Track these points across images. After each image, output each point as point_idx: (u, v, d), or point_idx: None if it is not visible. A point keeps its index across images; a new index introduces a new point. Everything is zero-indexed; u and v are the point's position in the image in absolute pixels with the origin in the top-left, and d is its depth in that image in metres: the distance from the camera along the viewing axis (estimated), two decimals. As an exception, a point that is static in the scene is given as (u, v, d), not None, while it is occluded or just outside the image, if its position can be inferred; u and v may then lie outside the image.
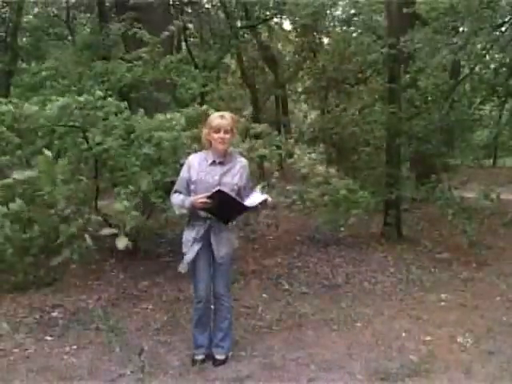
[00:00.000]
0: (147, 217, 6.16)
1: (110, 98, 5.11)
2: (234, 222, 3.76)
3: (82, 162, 5.42)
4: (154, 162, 5.30)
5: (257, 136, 5.73)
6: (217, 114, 3.69)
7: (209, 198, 3.43)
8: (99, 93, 5.16)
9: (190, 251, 3.61)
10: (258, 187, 3.70)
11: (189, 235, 3.64)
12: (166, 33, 6.84)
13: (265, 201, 3.59)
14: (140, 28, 6.88)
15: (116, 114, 5.08)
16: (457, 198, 6.84)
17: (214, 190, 3.42)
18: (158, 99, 6.32)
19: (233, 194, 3.48)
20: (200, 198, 3.46)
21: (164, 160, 5.16)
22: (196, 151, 4.41)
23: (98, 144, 5.01)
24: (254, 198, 3.57)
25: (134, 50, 6.81)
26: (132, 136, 5.05)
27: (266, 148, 5.43)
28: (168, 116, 5.11)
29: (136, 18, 7.53)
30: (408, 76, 7.65)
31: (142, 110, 5.27)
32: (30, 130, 4.90)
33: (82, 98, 4.80)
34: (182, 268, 3.65)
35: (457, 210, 6.57)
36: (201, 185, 3.54)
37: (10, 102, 4.88)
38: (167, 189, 5.07)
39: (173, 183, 3.85)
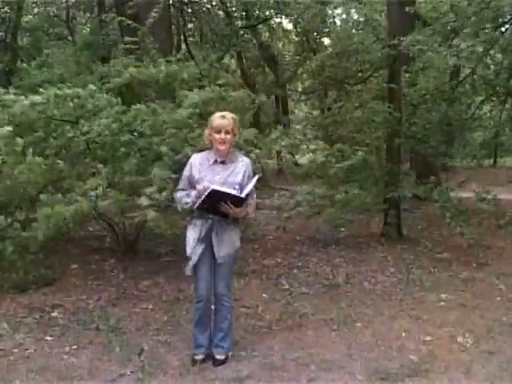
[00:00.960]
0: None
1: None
2: (237, 223, 3.74)
3: (65, 148, 5.43)
4: (152, 158, 5.29)
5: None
6: (218, 114, 3.70)
7: (206, 197, 3.43)
8: (92, 87, 5.16)
9: (194, 253, 3.60)
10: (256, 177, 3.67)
11: (191, 235, 3.64)
12: (151, 20, 6.82)
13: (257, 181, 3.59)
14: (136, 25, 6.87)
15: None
16: (454, 199, 6.84)
17: (206, 193, 3.42)
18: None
19: (225, 189, 3.47)
20: (200, 187, 3.48)
21: (161, 157, 5.14)
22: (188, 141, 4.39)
23: (87, 133, 5.04)
24: (248, 187, 3.56)
25: (133, 49, 6.78)
26: (123, 120, 5.03)
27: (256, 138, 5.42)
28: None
29: (135, 17, 7.53)
30: (408, 76, 7.64)
31: (141, 105, 5.28)
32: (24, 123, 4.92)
33: (71, 91, 4.83)
34: (189, 271, 3.65)
35: (454, 213, 6.58)
36: (203, 184, 3.54)
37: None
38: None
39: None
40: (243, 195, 3.49)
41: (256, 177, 3.61)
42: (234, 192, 3.49)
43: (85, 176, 5.21)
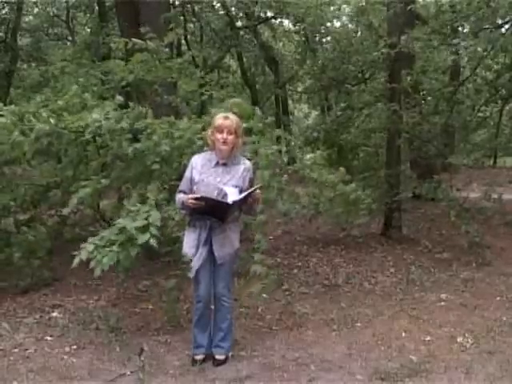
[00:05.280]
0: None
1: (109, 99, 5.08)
2: (236, 223, 3.74)
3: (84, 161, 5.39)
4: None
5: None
6: (221, 114, 3.69)
7: (197, 199, 3.44)
8: (119, 98, 5.07)
9: (197, 257, 3.60)
10: (255, 187, 3.64)
11: (191, 236, 3.64)
12: (169, 39, 6.78)
13: (253, 191, 3.53)
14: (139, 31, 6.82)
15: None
16: (459, 198, 6.84)
17: (196, 196, 3.44)
18: (164, 98, 6.26)
19: (214, 195, 3.46)
20: (190, 197, 3.48)
21: (169, 162, 5.09)
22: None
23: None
24: (242, 193, 3.53)
25: (133, 49, 6.75)
26: (148, 131, 4.95)
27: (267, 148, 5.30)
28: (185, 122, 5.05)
29: (136, 17, 7.51)
30: (410, 79, 7.61)
31: (150, 111, 5.23)
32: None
33: (109, 111, 4.71)
34: (191, 273, 3.64)
35: (459, 211, 6.57)
36: (202, 186, 3.53)
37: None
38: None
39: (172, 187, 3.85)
40: (230, 201, 3.45)
41: (255, 186, 3.58)
42: (221, 199, 3.46)
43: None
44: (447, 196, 6.85)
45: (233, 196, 3.48)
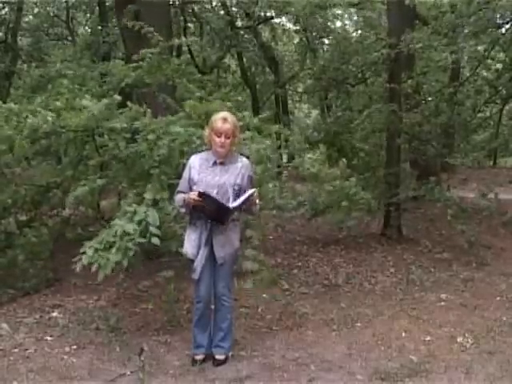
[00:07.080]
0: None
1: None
2: (237, 223, 3.75)
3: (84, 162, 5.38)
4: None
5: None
6: (220, 115, 3.67)
7: (198, 196, 3.44)
8: (117, 97, 5.06)
9: (199, 258, 3.60)
10: (251, 191, 3.61)
11: (192, 235, 3.64)
12: (177, 41, 6.79)
13: (251, 195, 3.53)
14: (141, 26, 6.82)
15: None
16: (456, 198, 6.84)
17: (197, 192, 3.44)
18: (164, 100, 6.25)
19: (218, 197, 3.47)
20: (191, 194, 3.48)
21: (169, 161, 5.08)
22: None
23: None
24: (239, 200, 3.53)
25: (133, 48, 6.73)
26: (148, 135, 4.92)
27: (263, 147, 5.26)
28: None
29: (137, 17, 7.51)
30: (410, 80, 7.61)
31: (149, 111, 5.21)
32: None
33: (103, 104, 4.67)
34: (196, 275, 3.63)
35: (456, 211, 6.58)
36: (202, 185, 3.54)
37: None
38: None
39: (172, 186, 3.84)
40: (231, 206, 3.47)
41: (251, 190, 3.56)
42: (223, 202, 3.47)
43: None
44: (443, 196, 6.86)
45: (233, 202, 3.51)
